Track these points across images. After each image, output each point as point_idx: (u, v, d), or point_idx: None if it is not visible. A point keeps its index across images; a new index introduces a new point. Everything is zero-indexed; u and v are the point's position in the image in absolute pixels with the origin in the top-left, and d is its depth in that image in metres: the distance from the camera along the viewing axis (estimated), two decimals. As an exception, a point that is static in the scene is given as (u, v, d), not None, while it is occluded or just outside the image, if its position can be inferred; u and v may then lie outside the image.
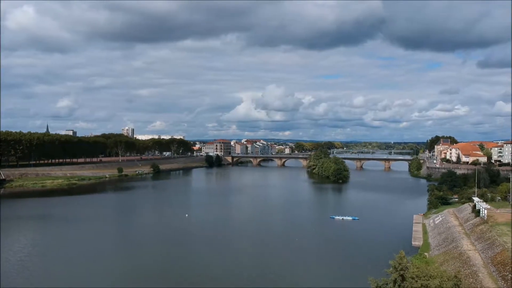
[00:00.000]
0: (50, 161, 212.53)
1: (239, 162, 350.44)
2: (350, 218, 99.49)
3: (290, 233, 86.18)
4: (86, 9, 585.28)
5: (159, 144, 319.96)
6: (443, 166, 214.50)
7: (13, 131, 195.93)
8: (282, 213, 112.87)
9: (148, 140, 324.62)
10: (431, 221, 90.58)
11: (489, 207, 78.58)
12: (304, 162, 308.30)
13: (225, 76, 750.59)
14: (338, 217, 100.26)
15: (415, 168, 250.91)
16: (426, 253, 66.33)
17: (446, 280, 36.38)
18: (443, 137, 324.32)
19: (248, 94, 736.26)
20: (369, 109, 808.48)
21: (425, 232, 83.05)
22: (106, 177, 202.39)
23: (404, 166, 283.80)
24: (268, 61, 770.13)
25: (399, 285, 36.66)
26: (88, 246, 72.42)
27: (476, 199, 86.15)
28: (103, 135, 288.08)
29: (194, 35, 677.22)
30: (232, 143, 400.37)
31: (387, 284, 37.68)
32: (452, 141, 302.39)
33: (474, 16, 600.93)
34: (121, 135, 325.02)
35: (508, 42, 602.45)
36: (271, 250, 72.17)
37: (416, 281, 36.04)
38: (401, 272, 36.89)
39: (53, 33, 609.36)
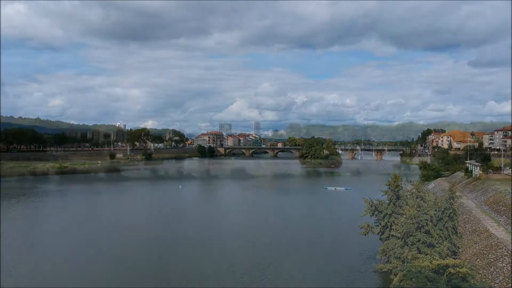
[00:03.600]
0: (40, 148, 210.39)
1: (232, 154, 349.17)
2: (342, 188, 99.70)
3: (282, 200, 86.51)
4: (79, 6, 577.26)
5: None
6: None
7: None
8: (274, 186, 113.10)
9: (140, 129, 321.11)
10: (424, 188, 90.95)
11: (481, 172, 79.16)
12: (297, 153, 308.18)
13: (218, 75, 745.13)
14: (331, 188, 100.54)
15: (407, 157, 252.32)
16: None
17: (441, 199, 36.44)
18: (434, 129, 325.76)
19: (241, 93, 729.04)
20: (361, 109, 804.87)
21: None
22: (98, 163, 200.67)
23: (396, 156, 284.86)
24: (262, 60, 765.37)
25: (394, 204, 36.61)
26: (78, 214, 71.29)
27: (468, 162, 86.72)
28: (95, 125, 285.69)
29: (187, 33, 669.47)
30: (225, 135, 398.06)
31: (381, 204, 37.58)
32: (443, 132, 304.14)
33: (467, 15, 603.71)
34: (113, 125, 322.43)
35: (499, 41, 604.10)
36: (263, 214, 71.81)
37: (410, 199, 36.04)
38: (396, 190, 36.87)
39: (44, 31, 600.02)
